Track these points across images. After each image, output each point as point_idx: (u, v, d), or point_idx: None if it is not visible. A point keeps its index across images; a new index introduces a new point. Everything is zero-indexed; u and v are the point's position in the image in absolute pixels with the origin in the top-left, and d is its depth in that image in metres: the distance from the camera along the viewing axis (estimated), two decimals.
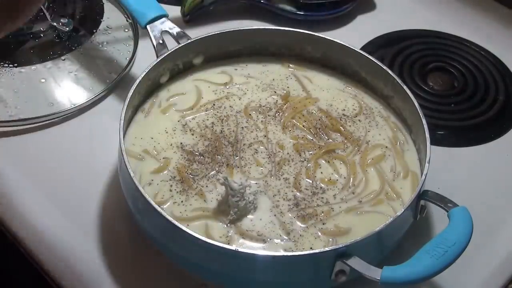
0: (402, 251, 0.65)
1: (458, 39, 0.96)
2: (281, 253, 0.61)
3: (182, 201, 0.65)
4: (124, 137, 0.67)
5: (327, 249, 0.58)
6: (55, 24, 0.87)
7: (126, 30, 0.90)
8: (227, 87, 0.78)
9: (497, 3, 1.02)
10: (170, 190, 0.66)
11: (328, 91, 0.79)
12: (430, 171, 0.64)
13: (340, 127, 0.74)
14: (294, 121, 0.75)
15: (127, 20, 0.92)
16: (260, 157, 0.70)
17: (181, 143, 0.71)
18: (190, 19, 0.94)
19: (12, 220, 0.69)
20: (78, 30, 0.89)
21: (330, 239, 0.63)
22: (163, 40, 0.76)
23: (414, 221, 0.66)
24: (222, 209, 0.64)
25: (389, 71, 0.75)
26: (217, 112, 0.75)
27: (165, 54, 0.74)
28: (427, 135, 0.67)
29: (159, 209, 0.59)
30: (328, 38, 0.79)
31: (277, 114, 0.75)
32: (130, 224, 0.68)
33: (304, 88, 0.79)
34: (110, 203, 0.71)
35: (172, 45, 0.76)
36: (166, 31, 0.77)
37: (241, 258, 0.58)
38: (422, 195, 0.64)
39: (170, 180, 0.67)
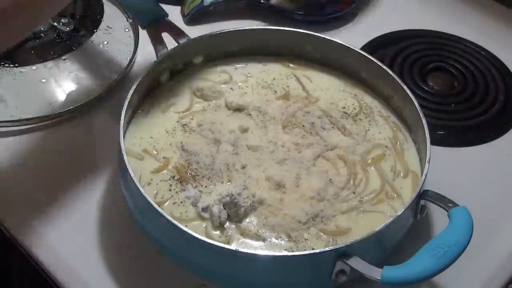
0: (402, 251, 0.64)
1: (458, 39, 0.96)
2: (281, 253, 0.61)
3: (181, 202, 0.65)
4: (124, 137, 0.67)
5: (327, 249, 0.58)
6: (55, 24, 0.87)
7: (127, 30, 0.90)
8: (227, 86, 0.78)
9: (497, 3, 1.02)
10: (170, 190, 0.66)
11: (328, 91, 0.79)
12: (430, 171, 0.64)
13: (340, 126, 0.74)
14: (294, 120, 0.75)
15: (127, 20, 0.92)
16: (260, 157, 0.70)
17: (181, 142, 0.71)
18: (190, 19, 0.94)
19: (12, 220, 0.69)
20: (78, 30, 0.89)
21: (331, 239, 0.63)
22: (163, 40, 0.76)
23: (414, 221, 0.66)
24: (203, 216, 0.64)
25: (389, 71, 0.75)
26: (217, 111, 0.75)
27: (165, 54, 0.74)
28: (427, 135, 0.67)
29: (159, 209, 0.59)
30: (328, 38, 0.79)
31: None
32: (130, 224, 0.68)
33: (304, 87, 0.79)
34: (110, 203, 0.71)
35: (172, 45, 0.76)
36: (166, 31, 0.77)
37: (241, 258, 0.58)
38: (422, 195, 0.64)
39: (169, 179, 0.67)
